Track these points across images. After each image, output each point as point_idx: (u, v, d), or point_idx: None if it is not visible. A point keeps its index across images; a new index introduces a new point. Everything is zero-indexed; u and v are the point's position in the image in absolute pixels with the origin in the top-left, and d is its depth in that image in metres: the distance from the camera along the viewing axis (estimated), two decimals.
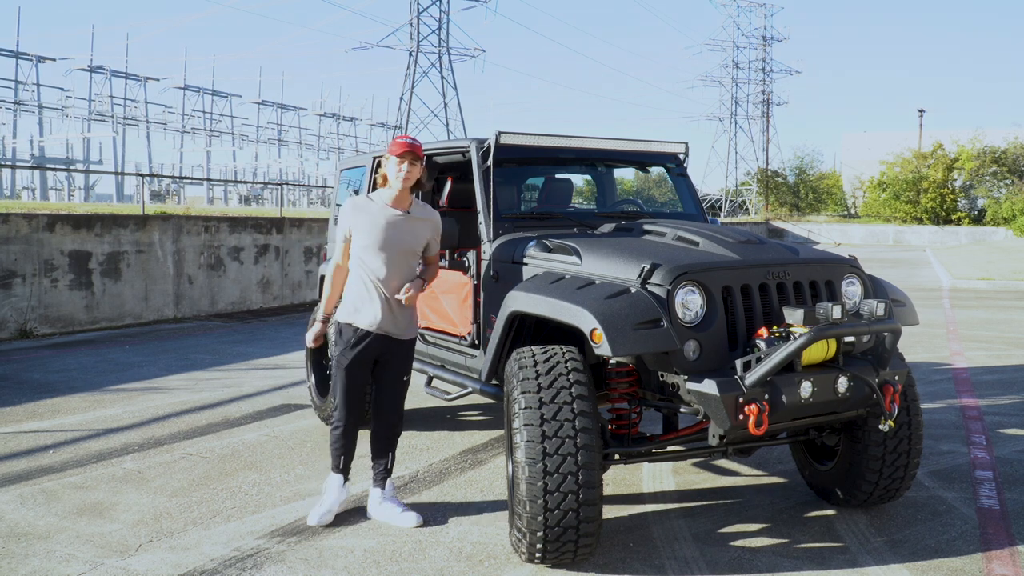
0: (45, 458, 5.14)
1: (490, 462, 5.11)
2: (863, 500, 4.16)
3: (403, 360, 4.12)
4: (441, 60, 43.39)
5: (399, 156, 3.85)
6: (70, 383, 7.32)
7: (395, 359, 4.08)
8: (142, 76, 50.66)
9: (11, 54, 43.98)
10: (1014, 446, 5.44)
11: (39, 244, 10.07)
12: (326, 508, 4.09)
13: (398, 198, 3.94)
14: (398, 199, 3.94)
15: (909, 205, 43.35)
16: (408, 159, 3.86)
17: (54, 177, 47.70)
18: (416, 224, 4.00)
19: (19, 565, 3.60)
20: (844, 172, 56.77)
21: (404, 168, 3.86)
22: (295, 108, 61.65)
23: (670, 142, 5.39)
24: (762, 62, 59.13)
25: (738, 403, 3.31)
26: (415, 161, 3.88)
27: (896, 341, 3.57)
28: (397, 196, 3.93)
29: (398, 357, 4.09)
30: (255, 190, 53.80)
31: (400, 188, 3.90)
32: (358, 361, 4.00)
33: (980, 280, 17.40)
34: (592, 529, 3.37)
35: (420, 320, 5.21)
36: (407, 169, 3.86)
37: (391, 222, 3.92)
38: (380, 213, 3.93)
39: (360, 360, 4.01)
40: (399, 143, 3.89)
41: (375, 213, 3.94)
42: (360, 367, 4.02)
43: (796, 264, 3.76)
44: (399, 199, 3.94)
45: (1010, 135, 43.29)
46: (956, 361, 8.51)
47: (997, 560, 3.68)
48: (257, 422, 6.08)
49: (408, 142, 3.89)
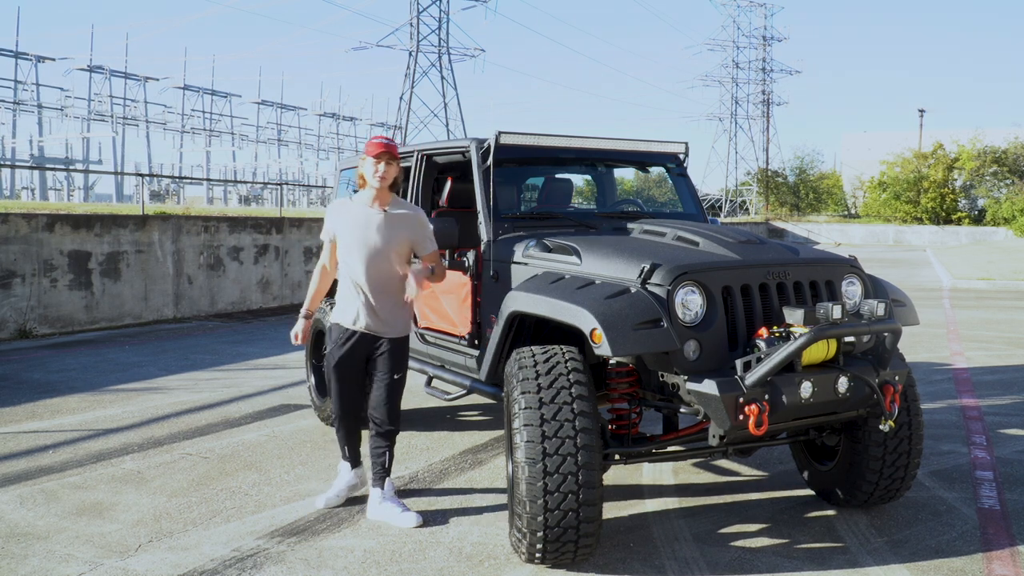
0: (45, 458, 5.14)
1: (490, 462, 5.11)
2: (863, 500, 4.16)
3: (393, 358, 4.12)
4: (441, 60, 43.39)
5: (375, 156, 3.94)
6: (70, 383, 7.32)
7: (384, 357, 4.11)
8: (142, 76, 50.61)
9: (11, 54, 43.93)
10: (1014, 446, 5.44)
11: (38, 244, 10.07)
12: (334, 492, 4.33)
13: (376, 198, 4.03)
14: (376, 199, 4.03)
15: (909, 205, 43.35)
16: (384, 159, 3.94)
17: (53, 177, 47.67)
18: (395, 222, 4.04)
19: (19, 565, 3.59)
20: (844, 172, 56.78)
21: (381, 168, 3.95)
22: (295, 108, 61.61)
23: (670, 142, 5.38)
24: (762, 62, 59.13)
25: (738, 403, 3.31)
26: (391, 161, 3.97)
27: (896, 341, 3.57)
28: (375, 196, 4.02)
29: (387, 355, 4.11)
30: (255, 190, 53.79)
31: (378, 187, 3.99)
32: (345, 360, 4.12)
33: (980, 280, 17.40)
34: (592, 529, 3.37)
35: (420, 320, 5.21)
36: (384, 169, 3.95)
37: (369, 221, 4.02)
38: (359, 213, 4.04)
39: (347, 358, 4.12)
40: (375, 144, 3.97)
41: (355, 214, 4.05)
42: (348, 366, 4.13)
43: (796, 264, 3.76)
44: (377, 198, 4.03)
45: (1010, 135, 43.30)
46: (956, 361, 8.51)
47: (997, 560, 3.68)
48: (257, 422, 6.08)
49: (384, 142, 3.98)
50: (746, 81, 59.22)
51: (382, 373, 4.11)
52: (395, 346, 4.13)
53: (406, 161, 5.52)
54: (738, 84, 58.85)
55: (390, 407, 4.12)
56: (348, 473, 4.40)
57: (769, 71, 59.25)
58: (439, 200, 5.67)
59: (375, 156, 3.93)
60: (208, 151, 55.10)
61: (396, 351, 4.13)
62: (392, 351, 4.11)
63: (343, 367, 4.13)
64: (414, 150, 5.43)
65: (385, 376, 4.11)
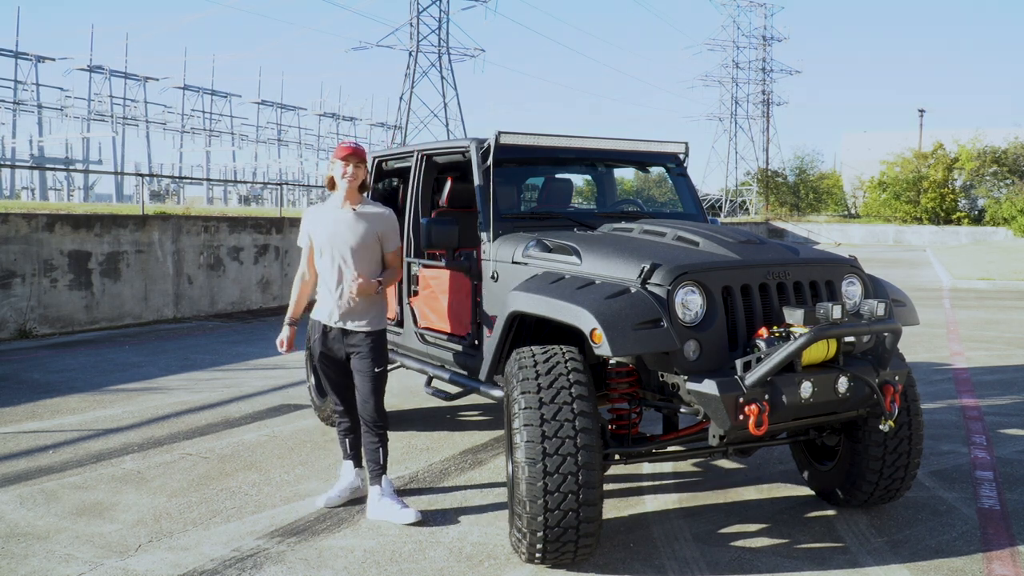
0: (45, 458, 5.14)
1: (490, 462, 5.11)
2: (863, 500, 4.16)
3: (371, 353, 4.21)
4: (441, 60, 43.38)
5: (343, 159, 4.14)
6: (70, 383, 7.32)
7: (363, 353, 4.20)
8: (142, 76, 50.60)
9: (11, 54, 43.92)
10: (1014, 446, 5.44)
11: (39, 244, 10.07)
12: (336, 492, 4.37)
13: (346, 198, 4.21)
14: (346, 199, 4.21)
15: (909, 205, 43.35)
16: (352, 161, 4.15)
17: (53, 177, 47.66)
18: (363, 220, 4.22)
19: (19, 565, 3.59)
20: (844, 172, 56.75)
21: (349, 170, 4.15)
22: (295, 108, 61.61)
23: (670, 142, 5.38)
24: (762, 62, 59.13)
25: (738, 403, 3.31)
26: (359, 163, 4.18)
27: (896, 341, 3.57)
28: (345, 196, 4.20)
29: (366, 350, 4.20)
30: (255, 190, 53.79)
31: (347, 188, 4.17)
32: (325, 355, 4.28)
33: (980, 280, 17.40)
34: (592, 529, 3.37)
35: (420, 320, 5.22)
36: (352, 171, 4.15)
37: (338, 220, 4.20)
38: (330, 214, 4.23)
39: (327, 354, 4.27)
40: (343, 147, 4.19)
41: (326, 215, 4.24)
42: (329, 361, 4.28)
43: (796, 264, 3.76)
44: (347, 199, 4.21)
45: (1010, 135, 43.30)
46: (956, 361, 8.51)
47: (997, 560, 3.68)
48: (257, 422, 6.08)
49: (351, 145, 4.20)
50: (746, 81, 59.26)
51: (363, 368, 4.21)
52: (372, 340, 4.23)
53: (406, 161, 5.52)
54: (738, 84, 58.88)
55: (375, 401, 4.20)
56: (351, 473, 4.44)
57: (769, 71, 59.28)
58: (439, 200, 5.67)
59: (343, 159, 4.14)
60: (208, 151, 55.12)
61: (374, 345, 4.23)
62: (371, 346, 4.22)
63: (325, 362, 4.29)
64: (414, 150, 5.42)
65: (367, 371, 4.20)
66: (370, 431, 4.21)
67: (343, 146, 4.20)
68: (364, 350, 4.20)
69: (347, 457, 4.46)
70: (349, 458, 4.45)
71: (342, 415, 4.39)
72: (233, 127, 57.96)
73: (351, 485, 4.41)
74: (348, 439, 4.42)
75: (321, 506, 4.31)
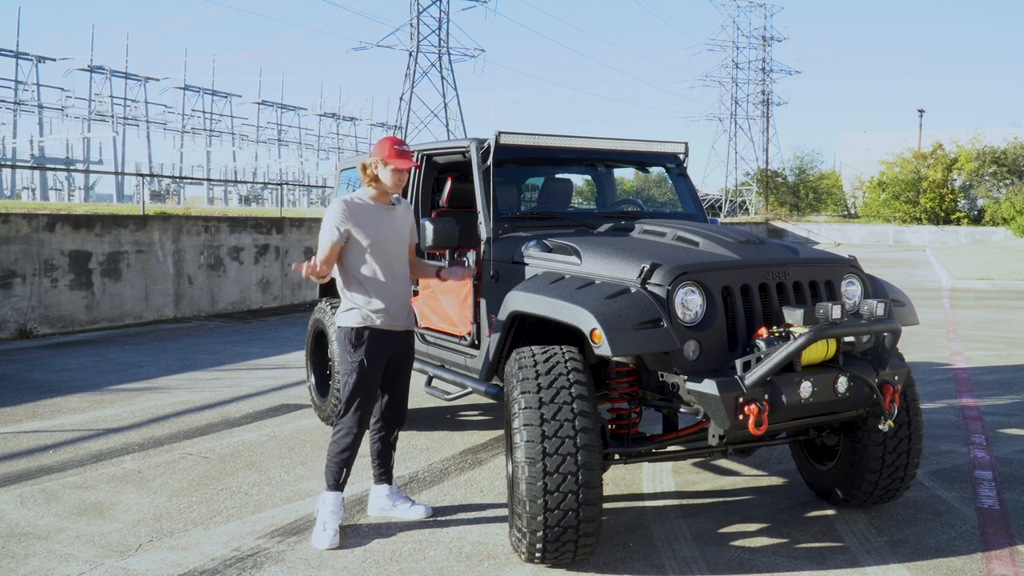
0: (45, 458, 5.14)
1: (490, 462, 5.11)
2: (863, 500, 4.16)
3: (412, 350, 4.21)
4: (441, 60, 43.36)
5: (404, 170, 3.94)
6: (70, 383, 7.32)
7: (407, 352, 4.15)
8: (142, 76, 50.63)
9: (11, 54, 43.93)
10: (1014, 446, 5.44)
11: (39, 244, 10.07)
12: (333, 529, 3.85)
13: (382, 194, 4.02)
14: (382, 195, 4.02)
15: (909, 205, 43.35)
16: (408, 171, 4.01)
17: (54, 177, 47.68)
18: (401, 213, 4.13)
19: (19, 565, 3.60)
20: (844, 172, 56.77)
21: (404, 178, 3.99)
22: (295, 108, 61.62)
23: (670, 142, 5.39)
24: (762, 62, 59.12)
25: (738, 403, 3.31)
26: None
27: (896, 341, 3.57)
28: (379, 193, 4.01)
29: (409, 349, 4.17)
30: (255, 190, 53.78)
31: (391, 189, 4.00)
32: (379, 363, 3.95)
33: (980, 280, 17.40)
34: (592, 529, 3.37)
35: (420, 320, 5.23)
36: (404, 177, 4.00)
37: (384, 218, 4.00)
38: (373, 212, 3.97)
39: (381, 361, 3.95)
40: (405, 159, 3.91)
41: (369, 213, 3.96)
42: (379, 369, 3.96)
43: (796, 264, 3.77)
44: (383, 195, 4.02)
45: (1010, 135, 43.32)
46: (956, 361, 8.51)
47: (997, 560, 3.68)
48: (257, 422, 6.08)
49: (412, 159, 3.95)
50: (746, 81, 59.25)
51: (407, 367, 4.16)
52: (412, 338, 4.21)
53: None
54: (738, 84, 58.87)
55: (406, 399, 4.19)
56: (336, 503, 3.94)
57: (769, 71, 59.27)
58: (439, 200, 5.67)
59: (404, 169, 3.93)
60: (208, 151, 55.10)
61: (413, 342, 4.22)
62: (412, 343, 4.20)
63: (377, 372, 3.94)
64: (414, 150, 5.43)
65: (406, 370, 4.16)
66: (391, 431, 4.17)
67: (406, 157, 3.90)
68: (409, 348, 4.15)
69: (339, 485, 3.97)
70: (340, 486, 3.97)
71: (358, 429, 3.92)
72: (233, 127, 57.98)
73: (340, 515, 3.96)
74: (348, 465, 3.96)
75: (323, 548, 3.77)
